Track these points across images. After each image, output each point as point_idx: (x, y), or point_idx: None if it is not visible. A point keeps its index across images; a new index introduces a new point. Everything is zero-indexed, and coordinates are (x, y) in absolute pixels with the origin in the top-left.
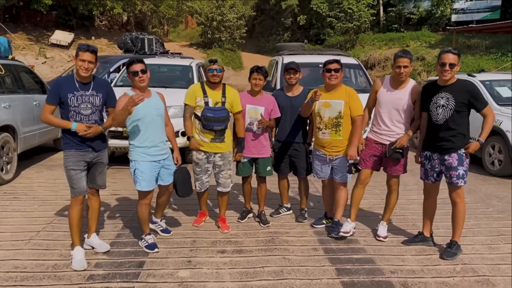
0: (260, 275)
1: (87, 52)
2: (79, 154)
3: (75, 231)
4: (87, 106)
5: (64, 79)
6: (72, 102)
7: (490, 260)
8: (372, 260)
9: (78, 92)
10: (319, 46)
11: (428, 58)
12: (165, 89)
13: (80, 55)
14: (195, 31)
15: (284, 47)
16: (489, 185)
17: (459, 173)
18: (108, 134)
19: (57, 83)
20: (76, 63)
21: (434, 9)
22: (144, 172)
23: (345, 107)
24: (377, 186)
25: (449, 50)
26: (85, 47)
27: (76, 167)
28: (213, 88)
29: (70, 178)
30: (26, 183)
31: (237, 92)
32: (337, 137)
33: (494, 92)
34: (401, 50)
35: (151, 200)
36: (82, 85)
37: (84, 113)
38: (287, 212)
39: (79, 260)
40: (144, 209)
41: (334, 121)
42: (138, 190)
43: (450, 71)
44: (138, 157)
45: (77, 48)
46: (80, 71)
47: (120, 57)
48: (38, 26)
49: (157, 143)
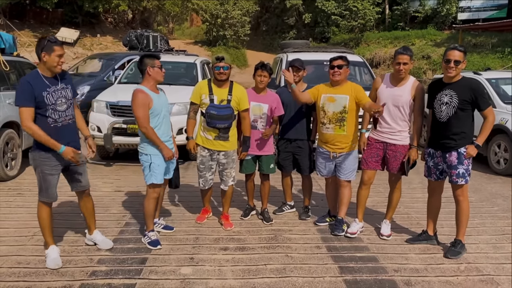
0: (263, 273)
1: (61, 46)
2: (57, 157)
3: (47, 232)
4: (62, 101)
5: (32, 78)
6: (49, 100)
7: (495, 259)
8: (375, 258)
9: (50, 89)
10: (324, 44)
11: (434, 57)
12: (170, 86)
13: (57, 50)
14: (200, 28)
15: (289, 44)
16: (494, 184)
17: (459, 172)
18: (112, 131)
19: (28, 83)
20: (51, 60)
21: (439, 7)
22: (160, 165)
23: (350, 102)
24: (381, 184)
25: (455, 47)
26: (57, 41)
27: (54, 171)
28: (220, 85)
29: (46, 182)
30: (30, 179)
31: (245, 90)
32: (341, 132)
33: (500, 90)
34: (402, 46)
35: (159, 193)
36: (52, 80)
37: (60, 109)
38: (290, 210)
39: (53, 259)
40: (152, 203)
41: (339, 116)
42: (153, 183)
43: (455, 68)
44: (154, 151)
45: (47, 43)
46: (57, 68)
47: (125, 54)
48: (44, 23)
49: (169, 138)
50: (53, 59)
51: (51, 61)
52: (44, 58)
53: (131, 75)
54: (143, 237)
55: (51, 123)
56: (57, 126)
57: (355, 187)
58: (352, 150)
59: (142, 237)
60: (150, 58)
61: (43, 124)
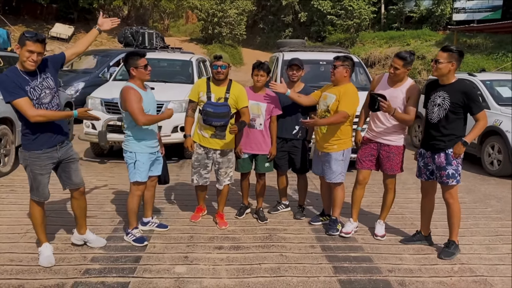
0: (257, 272)
1: (37, 43)
2: (47, 156)
3: (40, 229)
4: (46, 92)
5: (12, 74)
6: (33, 95)
7: (488, 260)
8: (369, 258)
9: (31, 83)
10: (319, 43)
11: (429, 57)
12: (165, 84)
13: (28, 45)
14: (196, 26)
15: (285, 43)
16: (488, 185)
17: (448, 173)
18: (107, 128)
19: (9, 78)
20: (22, 54)
21: (434, 8)
22: (145, 163)
23: (335, 103)
24: (376, 184)
25: (443, 47)
26: (34, 36)
27: (44, 171)
28: (218, 84)
29: (37, 182)
30: (23, 176)
31: (243, 88)
32: (322, 130)
33: (494, 92)
34: (405, 51)
35: (143, 191)
36: (31, 75)
37: (45, 101)
38: (285, 209)
39: (47, 257)
40: (136, 200)
41: (323, 114)
42: (137, 181)
43: (436, 67)
44: (139, 149)
45: (22, 36)
46: (27, 64)
47: (120, 51)
48: (38, 18)
49: (154, 136)
50: (23, 54)
51: (21, 55)
52: (17, 51)
53: (126, 72)
54: (126, 236)
55: None
56: None
57: (350, 187)
58: (334, 152)
59: (125, 236)
60: (133, 58)
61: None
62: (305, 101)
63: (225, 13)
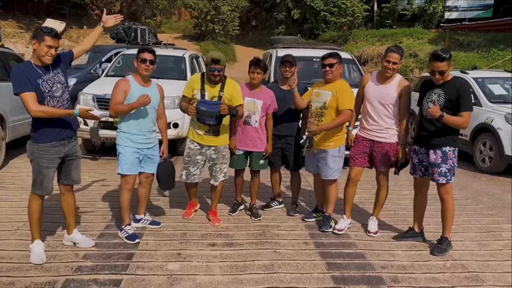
0: (251, 269)
1: (55, 37)
2: (55, 150)
3: (35, 226)
4: (58, 87)
5: (25, 67)
6: (45, 88)
7: (480, 257)
8: (362, 255)
9: (44, 76)
10: (312, 40)
11: (421, 55)
12: (157, 80)
13: (47, 41)
14: (188, 22)
15: (278, 40)
16: (479, 182)
17: (441, 171)
18: (99, 124)
19: (21, 70)
20: (40, 49)
21: (426, 6)
22: (127, 156)
23: (332, 99)
24: (368, 181)
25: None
26: (52, 32)
27: (51, 164)
28: (212, 82)
29: (41, 175)
30: (14, 172)
31: (238, 85)
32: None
33: (486, 89)
34: (394, 45)
35: (133, 186)
36: (44, 69)
37: (57, 95)
38: (278, 206)
39: (38, 254)
40: (125, 195)
41: (319, 111)
42: (120, 173)
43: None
44: (122, 142)
45: (40, 32)
46: (46, 59)
47: (112, 47)
48: (29, 14)
49: (143, 132)
50: (42, 48)
51: (39, 50)
52: (34, 46)
53: (119, 68)
54: (120, 231)
55: None
56: None
57: (342, 184)
58: (330, 149)
59: (119, 232)
60: (139, 51)
61: None
62: (304, 103)
63: (218, 10)
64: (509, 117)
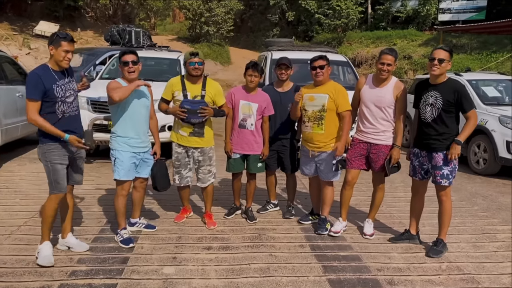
0: (246, 272)
1: (71, 42)
2: (63, 145)
3: (47, 227)
4: (71, 93)
5: (42, 71)
6: (59, 93)
7: (475, 258)
8: (358, 257)
9: (59, 82)
10: (307, 42)
11: (415, 57)
12: (152, 82)
13: (63, 46)
14: (183, 24)
15: (273, 42)
16: (474, 184)
17: (443, 173)
18: (93, 128)
19: (37, 76)
20: (58, 54)
21: (420, 8)
22: (124, 161)
23: (329, 101)
24: (364, 183)
25: (440, 46)
26: (68, 37)
27: (63, 161)
28: (194, 81)
29: (56, 172)
30: (8, 176)
31: (219, 85)
32: (319, 131)
33: (480, 91)
34: (388, 47)
35: (128, 191)
36: (60, 74)
37: (69, 101)
38: (274, 209)
39: (46, 256)
40: (121, 200)
41: (317, 115)
42: (116, 179)
43: (439, 66)
44: (118, 146)
45: (56, 37)
46: (63, 63)
47: (107, 50)
48: (22, 16)
49: (139, 135)
50: (59, 53)
51: (57, 55)
52: (51, 51)
53: (113, 70)
54: (116, 235)
55: (59, 114)
56: (65, 117)
57: (338, 186)
58: (331, 150)
59: (115, 235)
60: (120, 54)
61: (50, 116)
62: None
63: (212, 12)
64: (503, 119)
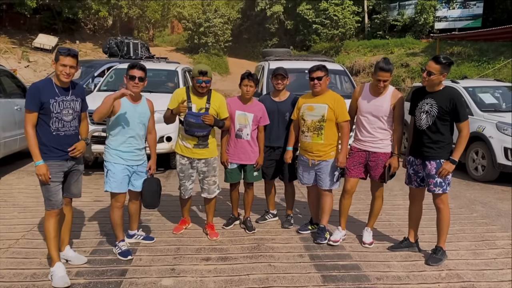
0: (245, 283)
1: (69, 57)
2: (58, 165)
3: (53, 245)
4: (69, 112)
5: (43, 84)
6: (55, 108)
7: (475, 266)
8: (358, 266)
9: (59, 98)
10: (305, 52)
11: (412, 65)
12: (150, 94)
13: (61, 60)
14: (181, 35)
15: (271, 52)
16: (472, 191)
17: (436, 181)
18: (91, 140)
19: (36, 88)
20: (56, 68)
21: (417, 17)
22: (116, 173)
23: (329, 112)
24: (362, 191)
25: (435, 57)
26: (66, 51)
27: (55, 178)
28: (199, 95)
29: (48, 190)
30: (6, 189)
31: (223, 98)
32: (318, 141)
33: (477, 98)
34: (383, 60)
35: (123, 204)
36: (62, 90)
37: (66, 119)
38: (273, 218)
39: (61, 277)
40: (116, 212)
41: (317, 125)
42: (108, 191)
43: (427, 78)
44: (111, 158)
45: (57, 52)
46: (62, 77)
47: (105, 62)
48: (21, 29)
49: (133, 149)
50: (57, 67)
51: (56, 69)
52: (53, 66)
53: (111, 82)
54: (114, 248)
55: (53, 131)
56: (59, 135)
57: (337, 195)
58: (331, 159)
59: (114, 248)
60: (129, 66)
61: (45, 130)
62: None
63: (210, 22)
64: (500, 125)
